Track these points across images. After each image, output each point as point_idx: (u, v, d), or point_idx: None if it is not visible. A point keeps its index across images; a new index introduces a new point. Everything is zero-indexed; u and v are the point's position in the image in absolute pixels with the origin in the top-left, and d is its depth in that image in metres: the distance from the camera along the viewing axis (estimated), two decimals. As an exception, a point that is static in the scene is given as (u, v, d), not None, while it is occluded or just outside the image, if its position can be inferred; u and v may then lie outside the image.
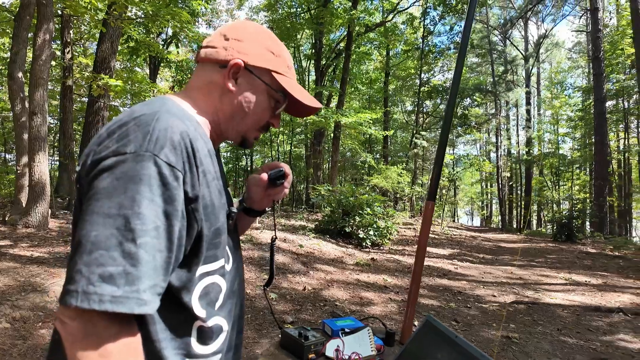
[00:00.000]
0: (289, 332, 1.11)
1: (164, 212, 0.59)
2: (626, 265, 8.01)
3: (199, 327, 0.70)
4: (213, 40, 0.77)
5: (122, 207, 0.56)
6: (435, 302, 4.71)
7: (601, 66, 15.98)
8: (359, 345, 1.02)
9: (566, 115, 26.56)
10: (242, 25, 0.79)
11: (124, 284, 0.54)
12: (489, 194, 34.58)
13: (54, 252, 4.63)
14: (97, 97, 7.40)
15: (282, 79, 0.78)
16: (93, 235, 0.55)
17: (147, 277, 0.56)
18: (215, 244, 0.71)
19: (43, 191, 5.78)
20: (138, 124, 0.61)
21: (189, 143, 0.64)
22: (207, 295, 0.70)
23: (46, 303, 3.23)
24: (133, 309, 0.54)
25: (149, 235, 0.57)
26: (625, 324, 4.00)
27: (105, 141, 0.61)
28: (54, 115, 14.19)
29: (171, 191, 0.60)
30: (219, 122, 0.78)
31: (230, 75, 0.75)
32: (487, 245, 11.66)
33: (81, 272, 0.53)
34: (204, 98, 0.77)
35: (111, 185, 0.57)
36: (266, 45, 0.78)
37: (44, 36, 5.60)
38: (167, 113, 0.64)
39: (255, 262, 5.47)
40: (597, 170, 16.04)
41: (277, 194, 0.92)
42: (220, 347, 0.74)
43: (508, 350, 3.22)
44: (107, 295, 0.52)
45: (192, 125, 0.69)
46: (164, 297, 0.61)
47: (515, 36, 28.70)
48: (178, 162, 0.61)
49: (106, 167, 0.58)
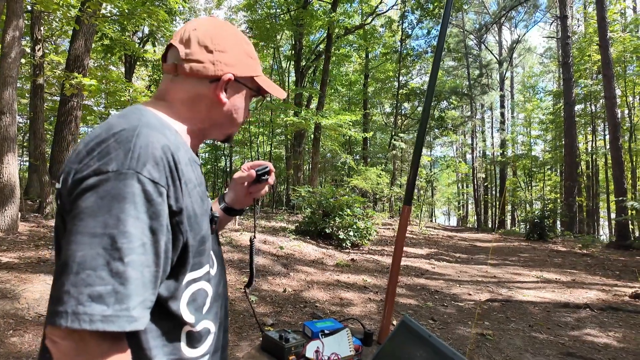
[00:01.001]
0: (269, 334, 1.13)
1: (150, 228, 0.60)
2: (593, 262, 8.38)
3: (187, 331, 0.71)
4: (195, 53, 0.76)
5: (107, 226, 0.56)
6: (413, 302, 4.81)
7: (570, 71, 16.64)
8: (338, 346, 1.05)
9: (538, 118, 27.55)
10: (218, 32, 0.78)
11: (113, 302, 0.54)
12: (465, 194, 35.46)
13: (25, 257, 4.46)
14: (69, 97, 7.18)
15: (261, 80, 0.83)
16: (79, 256, 0.55)
17: (137, 294, 0.57)
18: (200, 251, 0.72)
19: (12, 193, 5.57)
20: (118, 141, 0.61)
21: (170, 157, 0.65)
22: (194, 301, 0.72)
23: (17, 310, 3.12)
24: (124, 327, 0.55)
25: (136, 253, 0.57)
26: (591, 319, 4.20)
27: (85, 159, 0.61)
28: (24, 114, 13.64)
29: (156, 207, 0.60)
30: (205, 129, 0.81)
31: (222, 88, 0.77)
32: (463, 244, 11.95)
33: (69, 293, 0.53)
34: (188, 109, 0.78)
35: (95, 205, 0.57)
36: (245, 51, 0.81)
37: (13, 33, 5.40)
38: (146, 127, 0.65)
39: (235, 265, 5.44)
40: (567, 171, 16.68)
41: (259, 191, 0.96)
42: (208, 349, 0.76)
43: (482, 347, 3.33)
44: (97, 315, 0.53)
45: (171, 135, 0.70)
46: (153, 307, 0.62)
47: (490, 41, 29.53)
48: (161, 178, 0.62)
49: (89, 187, 0.58)
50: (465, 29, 26.02)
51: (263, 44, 16.09)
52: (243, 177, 0.94)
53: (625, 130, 17.42)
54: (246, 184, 0.96)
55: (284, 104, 15.57)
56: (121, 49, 9.42)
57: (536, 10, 26.27)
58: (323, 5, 14.65)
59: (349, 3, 16.13)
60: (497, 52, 27.63)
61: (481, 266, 7.73)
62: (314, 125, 12.65)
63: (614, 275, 6.95)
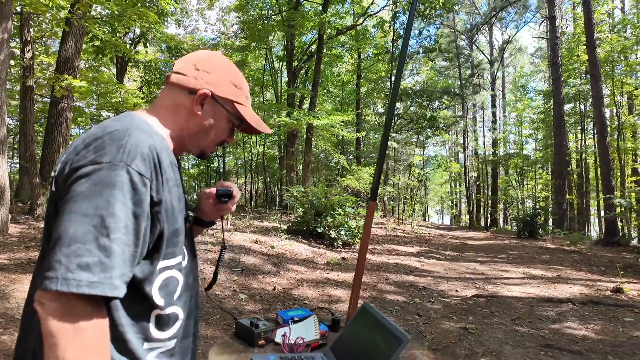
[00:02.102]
0: (241, 322, 1.21)
1: (134, 213, 0.69)
2: (580, 259, 8.54)
3: (157, 315, 0.80)
4: (184, 68, 0.88)
5: (98, 207, 0.66)
6: (400, 298, 4.90)
7: (559, 71, 16.88)
8: (305, 331, 1.12)
9: (529, 118, 27.88)
10: (211, 58, 0.91)
11: (99, 271, 0.64)
12: (458, 193, 35.73)
13: (15, 258, 4.49)
14: (60, 98, 7.18)
15: (242, 108, 0.92)
16: (72, 232, 0.64)
17: (118, 267, 0.66)
18: (174, 242, 0.82)
19: (2, 195, 5.58)
20: (112, 138, 0.72)
21: (155, 155, 0.75)
22: (166, 287, 0.80)
23: (7, 309, 3.16)
24: (107, 292, 0.64)
25: (121, 232, 0.67)
26: (572, 313, 4.32)
27: (82, 152, 0.72)
28: (14, 116, 13.56)
29: (140, 195, 0.70)
30: (183, 137, 0.90)
31: (198, 102, 0.87)
32: (454, 243, 12.09)
33: (61, 262, 0.62)
34: (171, 116, 0.88)
35: (89, 189, 0.67)
36: (231, 79, 0.91)
37: (2, 35, 5.41)
38: (137, 129, 0.75)
39: (226, 264, 5.49)
40: (556, 170, 16.92)
41: (223, 210, 1.02)
42: (175, 333, 0.84)
43: (464, 340, 3.43)
44: (84, 281, 0.62)
45: (157, 139, 0.80)
46: (127, 289, 0.70)
47: (481, 41, 29.81)
48: (147, 171, 0.72)
49: (84, 174, 0.68)
50: (456, 30, 26.25)
51: (255, 45, 16.15)
52: (206, 194, 1.01)
53: (613, 129, 17.71)
54: (212, 200, 1.01)
55: (276, 104, 15.63)
56: (112, 50, 9.42)
57: (526, 11, 26.59)
58: (314, 6, 14.72)
59: (341, 4, 16.24)
60: (488, 52, 27.91)
61: (470, 263, 7.85)
62: (306, 125, 12.72)
63: (599, 271, 7.10)
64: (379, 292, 5.11)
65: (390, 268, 6.90)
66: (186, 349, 0.88)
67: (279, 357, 1.01)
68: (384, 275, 6.18)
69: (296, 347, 1.06)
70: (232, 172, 24.06)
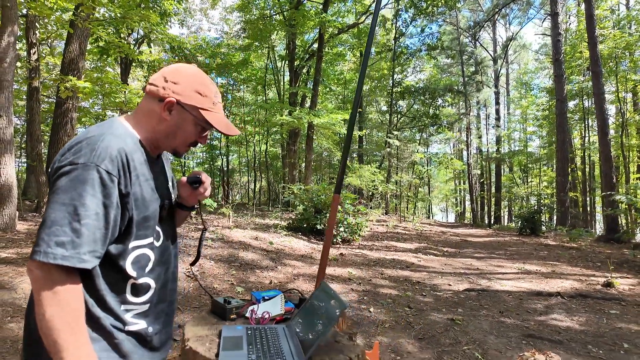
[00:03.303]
0: (216, 299, 1.38)
1: (103, 203, 0.88)
2: (577, 255, 8.60)
3: (132, 283, 0.99)
4: (156, 80, 1.04)
5: (72, 199, 0.84)
6: (393, 292, 5.03)
7: (562, 68, 16.81)
8: (272, 307, 1.28)
9: (533, 115, 27.77)
10: (180, 70, 1.05)
11: (70, 248, 0.83)
12: (462, 191, 35.69)
13: (22, 253, 4.68)
14: (65, 99, 7.38)
15: (206, 113, 1.06)
16: (52, 217, 0.83)
17: (87, 245, 0.85)
18: (145, 226, 1.00)
19: (10, 194, 5.78)
20: (88, 143, 0.90)
21: (124, 156, 0.93)
22: (138, 262, 1.00)
23: (14, 300, 3.35)
24: (75, 264, 0.83)
25: (91, 219, 0.86)
26: (560, 306, 4.43)
27: (66, 154, 0.90)
28: (21, 116, 13.83)
29: (108, 190, 0.89)
30: (156, 138, 1.06)
31: (165, 108, 1.02)
32: (454, 239, 12.17)
33: (44, 240, 0.82)
34: (146, 120, 1.04)
35: (66, 185, 0.85)
36: (196, 88, 1.05)
37: (9, 39, 5.60)
38: (110, 135, 0.93)
39: (225, 259, 5.66)
40: (559, 167, 16.89)
41: (199, 194, 1.19)
42: (149, 298, 1.03)
43: (450, 330, 3.56)
44: (59, 255, 0.81)
45: (131, 141, 0.98)
46: (106, 261, 0.91)
47: (485, 38, 29.69)
48: (114, 170, 0.90)
49: (64, 172, 0.87)
50: (459, 27, 26.18)
51: (257, 44, 16.28)
52: (181, 182, 1.19)
53: (618, 125, 17.62)
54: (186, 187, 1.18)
55: (278, 103, 15.77)
56: (116, 51, 9.60)
57: (530, 7, 26.44)
58: (315, 5, 14.82)
59: (343, 2, 16.33)
60: (491, 50, 27.79)
61: (467, 259, 7.95)
62: (307, 124, 12.85)
63: (594, 267, 7.17)
64: (373, 286, 5.24)
65: (387, 263, 7.02)
66: (160, 312, 1.06)
67: (245, 328, 1.16)
68: (380, 271, 6.31)
69: (262, 320, 1.22)
70: (235, 170, 24.27)
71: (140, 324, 0.99)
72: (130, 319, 0.98)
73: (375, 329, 3.60)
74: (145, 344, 1.01)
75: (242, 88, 20.28)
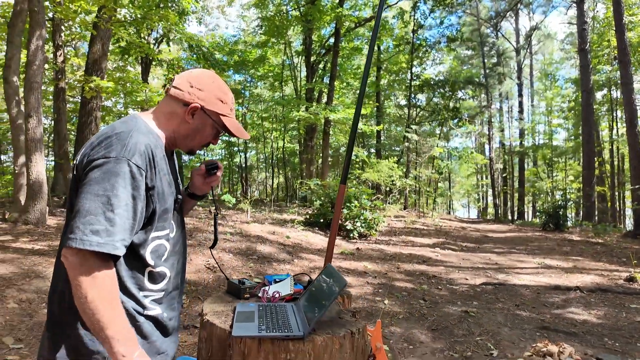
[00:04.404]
0: (232, 280, 1.51)
1: (132, 195, 0.94)
2: (602, 250, 8.38)
3: (149, 271, 1.07)
4: (181, 84, 1.11)
5: (106, 190, 0.90)
6: (409, 285, 5.06)
7: (587, 58, 16.25)
8: (281, 288, 1.39)
9: (558, 107, 26.93)
10: (204, 77, 1.14)
11: (105, 235, 0.88)
12: (485, 186, 34.96)
13: (53, 246, 4.95)
14: (89, 98, 7.68)
15: (225, 119, 1.16)
16: (87, 206, 0.89)
17: (119, 234, 0.91)
18: (163, 218, 1.09)
19: (40, 190, 6.08)
20: (118, 138, 0.96)
21: (150, 152, 1.00)
22: (156, 252, 1.08)
23: (48, 287, 3.55)
24: (110, 250, 0.89)
25: (122, 209, 0.92)
26: (579, 300, 4.36)
27: (96, 147, 0.96)
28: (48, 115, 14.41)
29: (137, 182, 0.95)
30: (175, 138, 1.15)
31: (190, 112, 1.10)
32: (474, 235, 12.01)
33: (79, 228, 0.87)
34: (167, 121, 1.12)
35: (99, 176, 0.91)
36: (218, 96, 1.15)
37: (37, 42, 5.87)
38: (137, 131, 1.00)
39: (242, 252, 5.80)
40: (585, 160, 16.39)
41: (213, 181, 1.28)
42: (164, 286, 1.11)
43: (464, 322, 3.57)
44: (95, 242, 0.87)
45: (153, 138, 1.05)
46: (128, 249, 0.97)
47: (508, 28, 28.91)
48: (143, 164, 0.97)
49: (97, 165, 0.93)
50: (480, 17, 25.57)
51: (274, 41, 16.40)
52: (197, 170, 1.28)
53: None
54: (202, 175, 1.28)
55: (295, 99, 15.87)
56: (137, 50, 9.90)
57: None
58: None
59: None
60: (514, 40, 27.03)
61: (486, 254, 7.87)
62: (324, 119, 12.90)
63: (618, 262, 6.98)
64: (388, 280, 5.28)
65: (404, 258, 7.03)
66: (172, 299, 1.15)
67: (257, 305, 1.27)
68: (396, 265, 6.34)
69: (273, 299, 1.33)
70: (254, 167, 24.58)
71: (156, 309, 1.07)
72: (149, 304, 1.05)
73: (389, 319, 3.64)
74: (161, 328, 1.10)
75: (259, 85, 20.49)
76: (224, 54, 16.14)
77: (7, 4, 7.74)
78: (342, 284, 1.11)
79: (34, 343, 2.77)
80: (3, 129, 12.91)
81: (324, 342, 1.08)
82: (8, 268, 3.80)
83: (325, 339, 1.09)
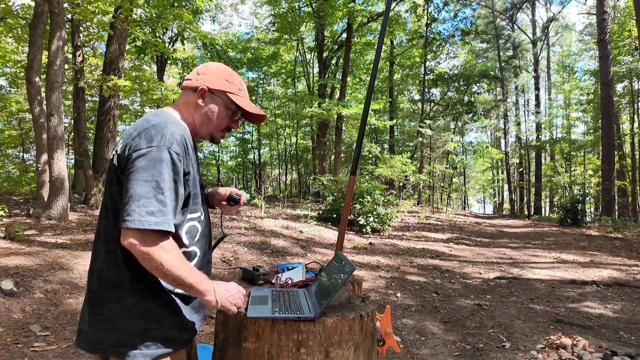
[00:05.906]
0: (247, 268, 1.60)
1: (174, 180, 1.03)
2: (621, 245, 8.20)
3: (183, 251, 1.14)
4: (190, 75, 1.23)
5: (153, 175, 0.99)
6: (422, 279, 5.07)
7: (607, 48, 15.81)
8: (294, 275, 1.45)
9: (577, 99, 26.26)
10: (208, 65, 1.25)
11: (159, 215, 0.98)
12: (500, 180, 34.39)
13: (76, 239, 5.13)
14: (107, 97, 7.88)
15: (233, 96, 1.24)
16: (139, 191, 0.98)
17: (170, 214, 1.01)
18: (195, 202, 1.18)
19: (62, 186, 6.29)
20: (156, 129, 1.05)
21: (185, 141, 1.10)
22: (190, 232, 1.17)
23: (72, 279, 3.71)
24: (166, 228, 0.99)
25: (168, 192, 1.01)
26: (595, 294, 4.31)
27: (136, 138, 1.05)
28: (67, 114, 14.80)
29: (177, 168, 1.04)
30: (195, 126, 1.24)
31: (199, 95, 1.19)
32: (489, 230, 11.90)
33: (135, 211, 0.96)
34: (186, 111, 1.21)
35: (146, 164, 1.00)
36: (222, 76, 1.24)
37: (57, 43, 6.05)
38: (171, 123, 1.09)
39: (257, 246, 5.91)
40: (604, 154, 16.02)
41: (227, 209, 1.45)
42: (194, 264, 1.20)
43: (476, 315, 3.58)
44: (152, 222, 0.97)
45: (184, 129, 1.15)
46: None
47: (524, 20, 28.30)
48: (181, 152, 1.06)
49: (142, 154, 1.01)
50: (495, 9, 25.08)
51: (287, 37, 16.45)
52: (221, 193, 1.43)
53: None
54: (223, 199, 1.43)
55: (308, 95, 15.90)
56: (152, 49, 10.08)
57: (572, -15, 24.86)
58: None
59: (371, -10, 16.11)
60: (530, 32, 26.45)
61: (500, 249, 7.80)
62: (336, 115, 12.92)
63: (638, 257, 6.83)
64: (401, 273, 5.31)
65: (417, 253, 7.04)
66: None
67: (271, 290, 1.33)
68: (409, 259, 6.35)
69: (285, 285, 1.40)
70: (267, 163, 24.76)
71: None
72: None
73: (401, 312, 3.68)
74: (190, 303, 1.19)
75: (272, 82, 20.58)
76: (237, 52, 16.27)
77: (27, 6, 7.98)
78: (350, 268, 1.16)
79: (60, 331, 2.90)
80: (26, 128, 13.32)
81: (334, 324, 1.14)
82: (34, 260, 3.97)
83: (335, 321, 1.14)
